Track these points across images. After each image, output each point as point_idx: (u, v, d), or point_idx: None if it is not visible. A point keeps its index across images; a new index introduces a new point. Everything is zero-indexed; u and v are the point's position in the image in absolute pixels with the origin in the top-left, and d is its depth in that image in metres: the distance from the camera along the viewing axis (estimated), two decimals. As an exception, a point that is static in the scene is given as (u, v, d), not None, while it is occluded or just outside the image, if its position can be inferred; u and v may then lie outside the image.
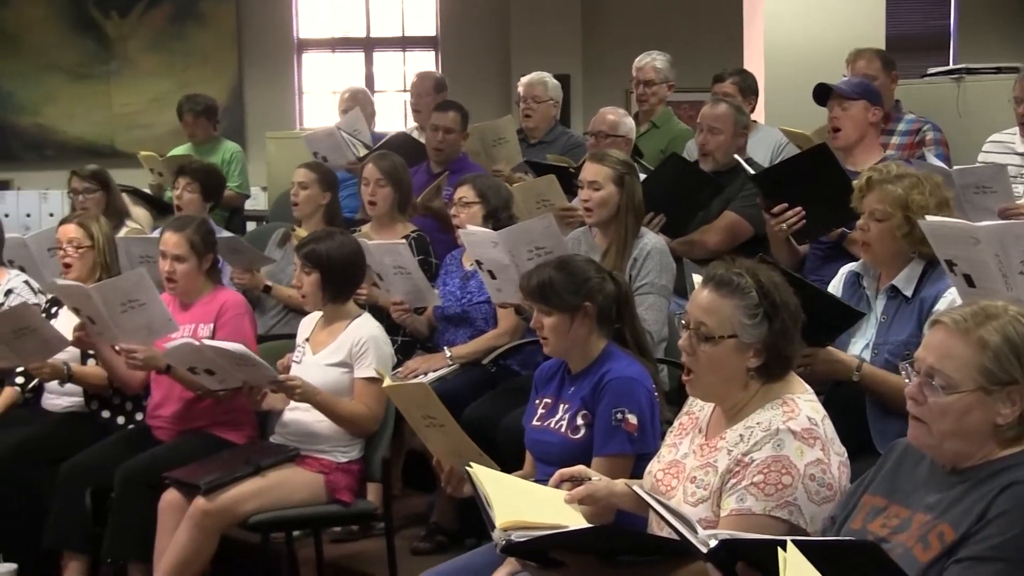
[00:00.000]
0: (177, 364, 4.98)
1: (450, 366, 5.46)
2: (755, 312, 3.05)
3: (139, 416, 5.51)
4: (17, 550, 5.25)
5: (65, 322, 5.46)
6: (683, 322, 3.17)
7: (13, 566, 5.19)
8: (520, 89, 7.70)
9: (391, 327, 5.57)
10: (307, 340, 5.07)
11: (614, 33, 11.92)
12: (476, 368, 5.45)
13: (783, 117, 7.26)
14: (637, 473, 3.52)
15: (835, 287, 4.31)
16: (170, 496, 4.82)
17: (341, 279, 4.98)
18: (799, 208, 5.04)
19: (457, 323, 5.67)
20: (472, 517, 3.67)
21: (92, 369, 5.48)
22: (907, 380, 2.68)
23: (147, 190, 8.17)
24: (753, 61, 8.06)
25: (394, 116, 12.28)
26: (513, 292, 4.92)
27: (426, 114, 7.57)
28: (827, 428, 3.02)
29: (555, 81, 7.68)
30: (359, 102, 8.23)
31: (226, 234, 6.42)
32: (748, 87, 7.18)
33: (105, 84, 12.54)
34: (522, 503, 3.15)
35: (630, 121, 6.66)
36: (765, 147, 6.74)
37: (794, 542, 2.27)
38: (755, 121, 6.81)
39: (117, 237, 6.00)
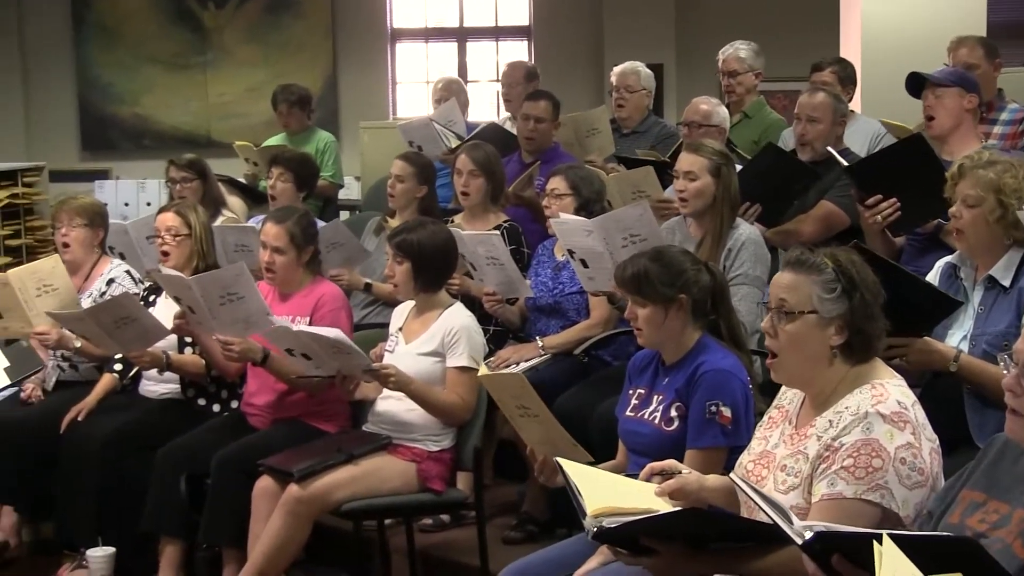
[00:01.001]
0: (276, 344, 5.00)
1: (542, 356, 5.45)
2: (832, 287, 3.06)
3: (234, 404, 5.57)
4: (115, 534, 5.36)
5: (163, 310, 5.53)
6: (766, 304, 3.18)
7: (111, 550, 5.29)
8: (613, 79, 7.66)
9: (483, 316, 5.58)
10: (400, 329, 5.08)
11: (708, 22, 11.82)
12: (568, 358, 5.44)
13: (880, 107, 7.16)
14: (730, 467, 3.49)
15: (932, 279, 4.25)
16: (264, 483, 4.86)
17: (432, 268, 4.99)
18: (893, 199, 4.97)
19: (549, 313, 5.65)
20: (563, 507, 3.67)
21: (190, 357, 5.54)
22: (1005, 372, 2.64)
23: (242, 179, 8.25)
24: (850, 50, 7.96)
25: (486, 106, 12.28)
26: (606, 280, 4.89)
27: (517, 103, 7.57)
28: (918, 413, 2.99)
29: (648, 71, 7.64)
30: (453, 92, 8.24)
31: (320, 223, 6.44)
32: (848, 76, 7.09)
33: (201, 74, 12.66)
34: (613, 492, 3.15)
35: (723, 111, 6.61)
36: (863, 137, 6.65)
37: (890, 536, 2.23)
38: (852, 111, 6.73)
39: (213, 226, 6.05)
